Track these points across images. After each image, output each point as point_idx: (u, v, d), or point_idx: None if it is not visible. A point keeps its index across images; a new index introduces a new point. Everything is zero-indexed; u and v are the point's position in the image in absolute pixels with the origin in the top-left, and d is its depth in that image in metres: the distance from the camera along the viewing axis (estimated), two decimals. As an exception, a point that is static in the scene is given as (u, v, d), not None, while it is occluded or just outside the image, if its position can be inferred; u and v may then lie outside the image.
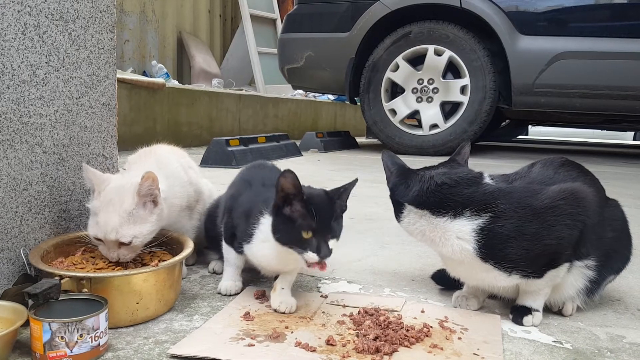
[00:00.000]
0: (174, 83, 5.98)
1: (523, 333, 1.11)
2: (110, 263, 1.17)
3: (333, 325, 1.09)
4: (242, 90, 6.49)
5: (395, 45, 4.64)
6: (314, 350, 0.97)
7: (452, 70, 4.60)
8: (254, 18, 7.55)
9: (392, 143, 4.74)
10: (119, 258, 1.14)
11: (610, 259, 1.18)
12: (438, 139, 4.61)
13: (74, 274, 1.03)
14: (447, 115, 4.66)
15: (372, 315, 1.12)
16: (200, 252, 1.53)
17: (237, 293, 1.26)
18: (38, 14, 1.16)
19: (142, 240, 1.15)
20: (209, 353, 0.94)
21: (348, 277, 1.42)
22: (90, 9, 1.30)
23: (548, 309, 1.22)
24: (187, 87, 5.56)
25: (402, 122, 4.79)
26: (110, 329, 0.99)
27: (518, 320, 1.15)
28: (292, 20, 5.15)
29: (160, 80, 4.77)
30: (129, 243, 1.13)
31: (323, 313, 1.15)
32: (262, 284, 1.33)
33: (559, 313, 1.22)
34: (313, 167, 3.90)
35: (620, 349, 1.05)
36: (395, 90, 4.84)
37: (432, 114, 4.65)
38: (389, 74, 4.70)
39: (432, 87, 4.63)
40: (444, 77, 4.60)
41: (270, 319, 1.11)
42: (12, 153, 1.12)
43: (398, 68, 4.67)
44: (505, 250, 1.06)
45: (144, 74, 6.28)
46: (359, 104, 5.10)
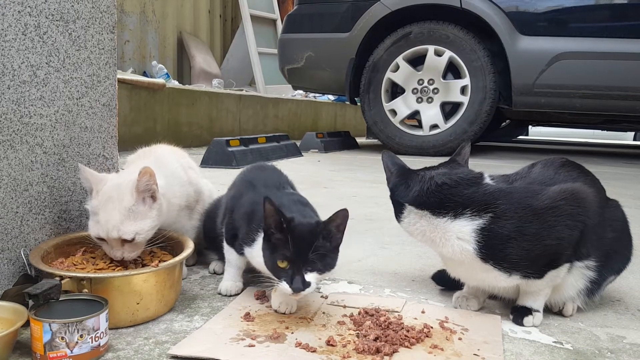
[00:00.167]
0: (174, 83, 5.98)
1: (523, 333, 1.11)
2: (111, 263, 1.17)
3: (333, 326, 1.09)
4: (242, 91, 6.49)
5: (396, 46, 4.64)
6: (314, 351, 0.97)
7: (452, 71, 4.60)
8: (254, 18, 7.55)
9: (392, 143, 4.74)
10: (124, 256, 1.14)
11: (611, 260, 1.18)
12: (438, 140, 4.61)
13: (75, 275, 1.03)
14: (447, 116, 4.66)
15: (372, 316, 1.12)
16: (201, 252, 1.53)
17: (237, 293, 1.26)
18: (38, 15, 1.16)
19: (144, 237, 1.15)
20: (209, 353, 0.94)
21: (348, 277, 1.42)
22: (91, 10, 1.30)
23: (548, 310, 1.22)
24: (187, 87, 5.56)
25: (402, 122, 4.79)
26: (111, 330, 0.99)
27: (518, 321, 1.15)
28: (292, 21, 5.15)
29: (161, 81, 4.78)
30: (132, 240, 1.13)
31: (323, 314, 1.15)
32: (262, 285, 1.33)
33: (560, 313, 1.22)
34: (313, 167, 3.90)
35: (621, 350, 1.05)
36: (396, 91, 4.84)
37: (432, 115, 4.65)
38: (389, 75, 4.70)
39: (432, 87, 4.63)
40: (444, 77, 4.60)
41: (271, 320, 1.11)
42: (12, 153, 1.12)
43: (398, 68, 4.67)
44: (506, 251, 1.06)
45: (144, 75, 6.28)
46: (359, 105, 5.10)
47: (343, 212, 1.06)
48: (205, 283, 1.35)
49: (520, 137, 8.71)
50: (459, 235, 1.08)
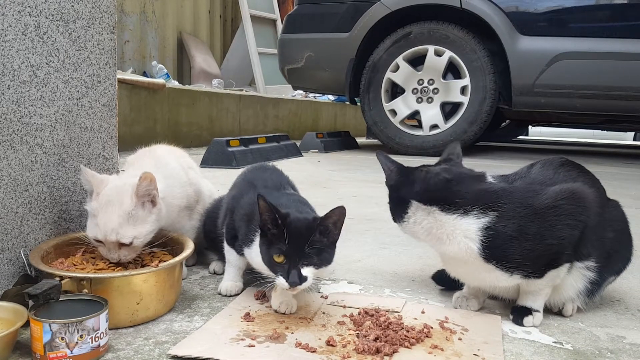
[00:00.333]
0: (174, 83, 5.98)
1: (523, 334, 1.11)
2: (111, 264, 1.17)
3: (333, 326, 1.09)
4: (242, 91, 6.49)
5: (396, 46, 4.64)
6: (314, 351, 0.97)
7: (452, 71, 4.60)
8: (254, 18, 7.55)
9: (392, 143, 4.75)
10: (120, 259, 1.14)
11: (611, 260, 1.18)
12: (438, 140, 4.61)
13: (74, 275, 1.03)
14: (447, 116, 4.66)
15: (372, 316, 1.12)
16: (201, 252, 1.53)
17: (237, 294, 1.26)
18: (38, 15, 1.16)
19: (142, 241, 1.15)
20: (209, 354, 0.94)
21: (348, 277, 1.42)
22: (91, 10, 1.30)
23: (548, 310, 1.21)
24: (187, 87, 5.56)
25: (402, 122, 4.79)
26: (111, 330, 0.99)
27: (518, 321, 1.15)
28: (292, 21, 5.15)
29: (161, 81, 4.77)
30: (130, 244, 1.13)
31: (323, 314, 1.15)
32: (262, 285, 1.33)
33: (560, 314, 1.22)
34: (313, 167, 3.90)
35: (621, 350, 1.05)
36: (396, 91, 4.84)
37: (432, 115, 4.65)
38: (389, 75, 4.70)
39: (432, 87, 4.63)
40: (444, 77, 4.60)
41: (271, 320, 1.11)
42: (12, 154, 1.12)
43: (398, 68, 4.67)
44: (508, 250, 1.06)
45: (144, 75, 6.28)
46: (359, 105, 5.10)
47: (340, 209, 1.06)
48: (205, 283, 1.35)
49: (520, 137, 8.71)
50: (466, 234, 1.08)
